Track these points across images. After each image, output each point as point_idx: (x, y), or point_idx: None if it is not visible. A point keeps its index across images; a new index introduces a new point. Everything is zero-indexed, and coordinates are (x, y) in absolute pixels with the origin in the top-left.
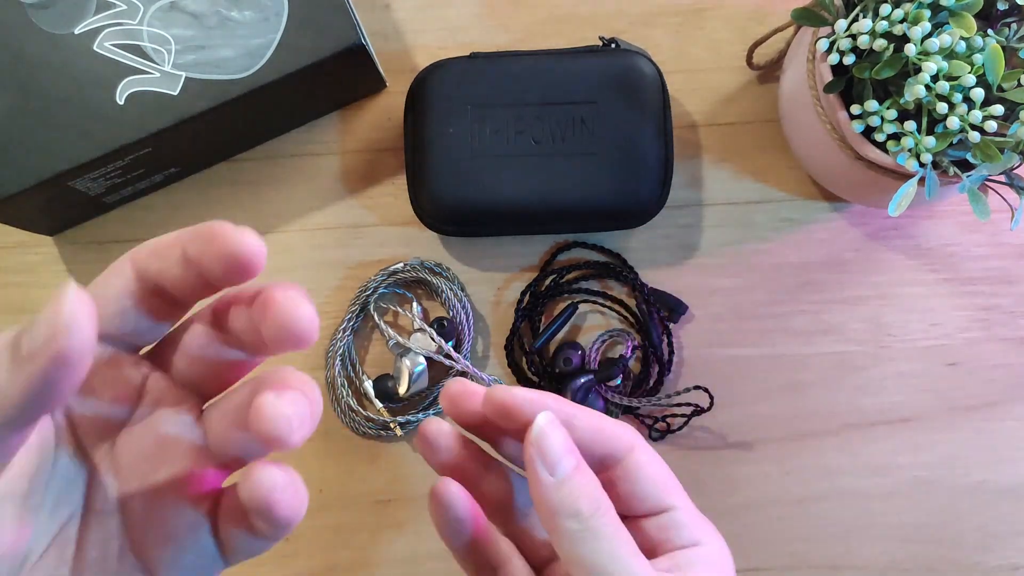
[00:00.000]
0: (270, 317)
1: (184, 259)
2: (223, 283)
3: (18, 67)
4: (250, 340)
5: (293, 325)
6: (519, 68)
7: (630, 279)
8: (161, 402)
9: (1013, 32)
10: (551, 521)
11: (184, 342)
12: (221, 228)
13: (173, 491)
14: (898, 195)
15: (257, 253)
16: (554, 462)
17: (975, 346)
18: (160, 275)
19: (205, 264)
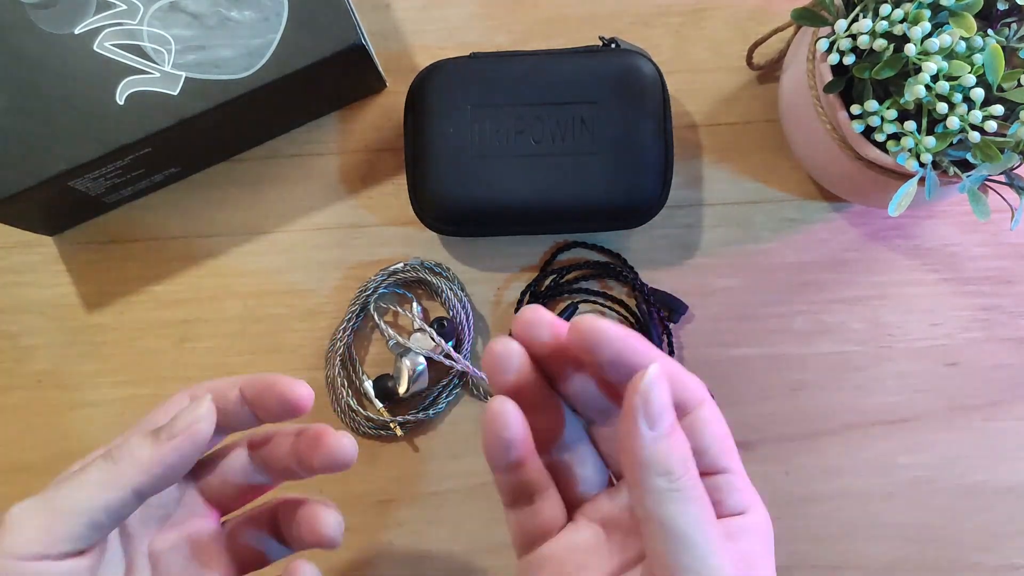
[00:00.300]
0: (323, 450)
1: (240, 400)
2: (275, 420)
3: (18, 67)
4: (283, 466)
5: (342, 455)
6: (519, 68)
7: (630, 279)
8: (193, 513)
9: (1013, 32)
10: (639, 475)
11: (221, 466)
12: (279, 380)
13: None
14: (898, 195)
15: (308, 400)
16: (656, 416)
17: (975, 346)
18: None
19: (263, 405)
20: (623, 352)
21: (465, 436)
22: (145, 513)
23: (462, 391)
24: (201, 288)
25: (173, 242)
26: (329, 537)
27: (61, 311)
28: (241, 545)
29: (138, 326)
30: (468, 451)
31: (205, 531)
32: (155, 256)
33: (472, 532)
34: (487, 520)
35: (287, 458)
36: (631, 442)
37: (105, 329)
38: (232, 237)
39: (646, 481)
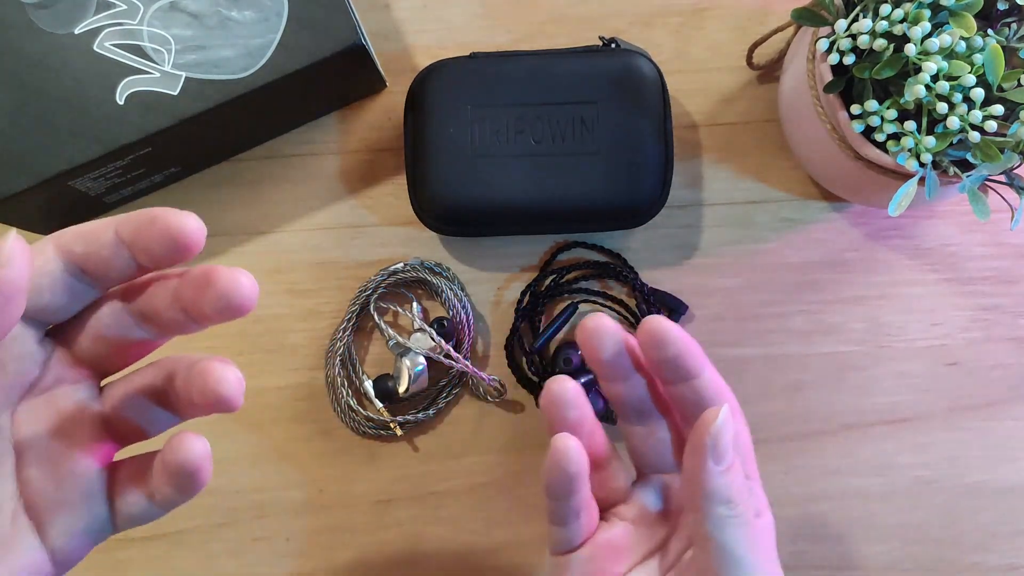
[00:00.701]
0: (214, 289)
1: (116, 242)
2: (159, 263)
3: (18, 67)
4: (167, 317)
5: (236, 293)
6: (519, 68)
7: (630, 279)
8: (62, 378)
9: (1013, 32)
10: (702, 503)
11: (92, 321)
12: (164, 211)
13: (69, 461)
14: (898, 195)
15: (199, 233)
16: (723, 454)
17: (975, 346)
18: (85, 257)
19: (144, 245)
20: (684, 353)
21: (465, 436)
22: (1, 379)
23: (462, 391)
24: None
25: None
26: (226, 397)
27: None
28: (119, 415)
29: None
30: (468, 451)
31: (74, 399)
32: None
33: (472, 532)
34: (487, 520)
35: (171, 306)
36: (699, 475)
37: None
38: (232, 237)
39: (709, 509)
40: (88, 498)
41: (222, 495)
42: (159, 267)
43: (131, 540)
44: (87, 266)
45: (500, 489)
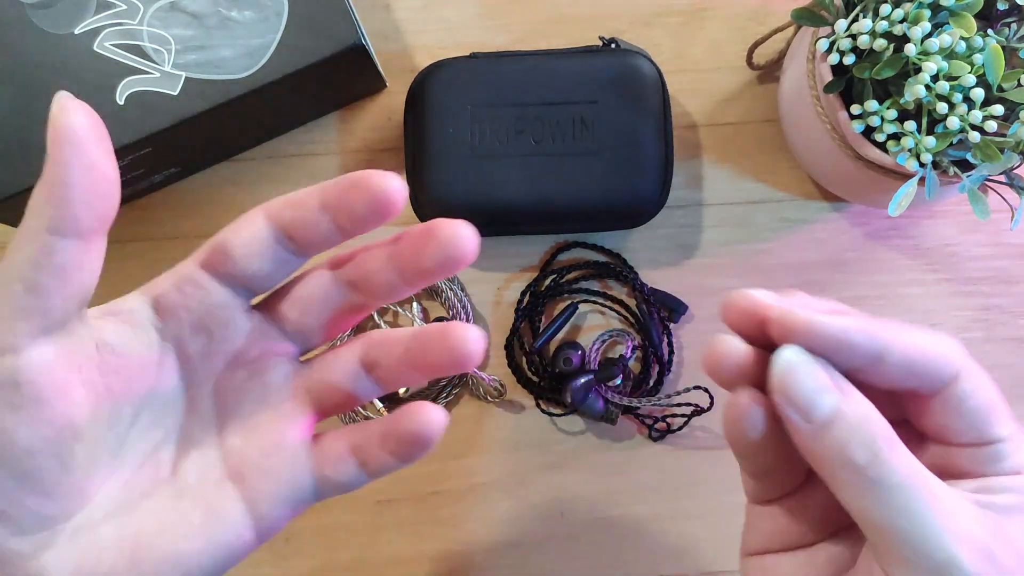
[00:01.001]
0: (436, 242)
1: (321, 206)
2: (362, 226)
3: (18, 67)
4: (380, 280)
5: (457, 243)
6: (519, 68)
7: (630, 279)
8: (268, 350)
9: (1013, 32)
10: (823, 470)
11: (298, 291)
12: (367, 173)
13: (274, 431)
14: (898, 195)
15: (401, 193)
16: (808, 407)
17: (975, 346)
18: (293, 223)
19: (348, 207)
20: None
21: (465, 436)
22: (208, 347)
23: (462, 391)
24: None
25: (173, 242)
26: (466, 353)
27: None
28: (323, 386)
29: None
30: (468, 451)
31: (279, 370)
32: (155, 256)
33: (472, 532)
34: (487, 520)
35: (385, 269)
36: (796, 439)
37: None
38: None
39: (833, 475)
40: (293, 467)
41: None
42: (362, 230)
43: None
44: (294, 232)
45: (500, 489)
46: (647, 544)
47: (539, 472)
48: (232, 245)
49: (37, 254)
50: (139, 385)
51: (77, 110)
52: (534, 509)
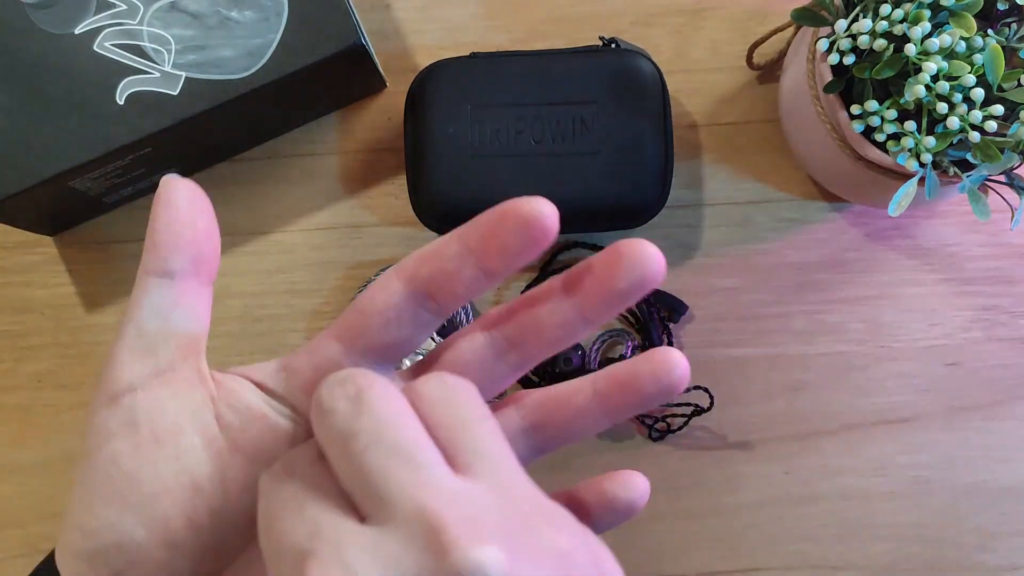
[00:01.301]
0: (627, 261)
1: (461, 252)
2: (514, 262)
3: (18, 67)
4: (553, 325)
5: (648, 264)
6: (519, 68)
7: None
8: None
9: (1013, 32)
10: None
11: (449, 356)
12: (513, 203)
13: None
14: (898, 195)
15: (555, 217)
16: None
17: (975, 346)
18: (432, 278)
19: (499, 243)
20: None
21: None
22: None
23: None
24: None
25: None
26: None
27: (61, 311)
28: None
29: None
30: None
31: None
32: None
33: None
34: None
35: (559, 311)
36: None
37: (105, 329)
38: (232, 237)
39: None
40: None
41: None
42: (513, 267)
43: None
44: (435, 288)
45: None
46: (647, 544)
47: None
48: (368, 315)
49: (137, 293)
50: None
51: (179, 184)
52: None
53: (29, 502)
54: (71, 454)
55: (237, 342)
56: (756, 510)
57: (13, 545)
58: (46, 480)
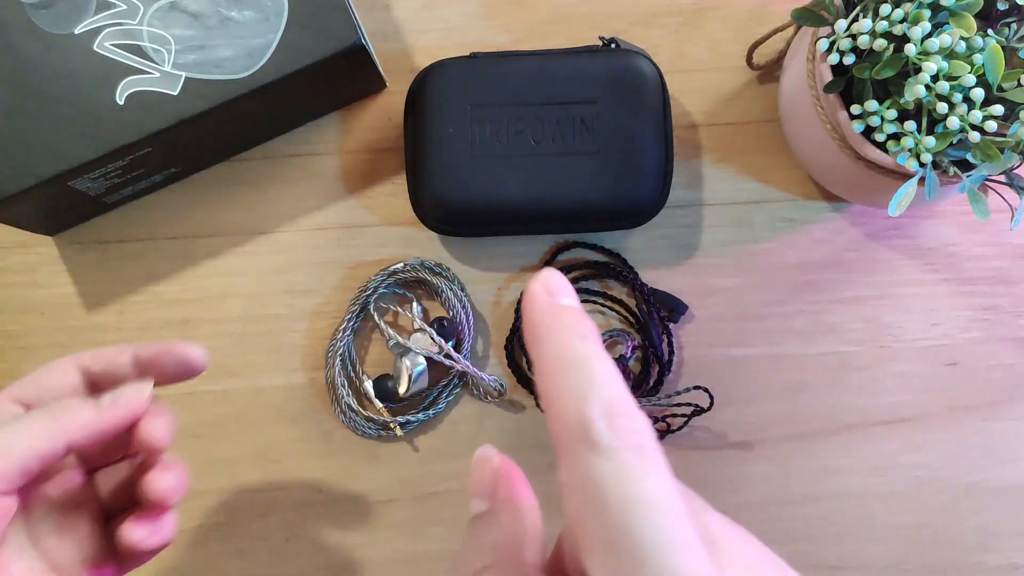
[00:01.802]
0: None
1: (134, 363)
2: (167, 382)
3: (18, 67)
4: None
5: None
6: (519, 68)
7: (630, 279)
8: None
9: (1013, 32)
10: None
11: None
12: (176, 342)
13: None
14: (898, 195)
15: (204, 361)
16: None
17: (975, 346)
18: (102, 375)
19: (159, 366)
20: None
21: (465, 436)
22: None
23: (462, 391)
24: (201, 288)
25: (173, 242)
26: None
27: (61, 311)
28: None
29: (138, 326)
30: (468, 451)
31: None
32: (155, 256)
33: None
34: None
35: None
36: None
37: (105, 329)
38: (232, 237)
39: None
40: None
41: (222, 495)
42: (168, 383)
43: None
44: (102, 381)
45: None
46: None
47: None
48: (43, 389)
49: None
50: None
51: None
52: None
53: None
54: None
55: (237, 342)
56: (756, 510)
57: None
58: None
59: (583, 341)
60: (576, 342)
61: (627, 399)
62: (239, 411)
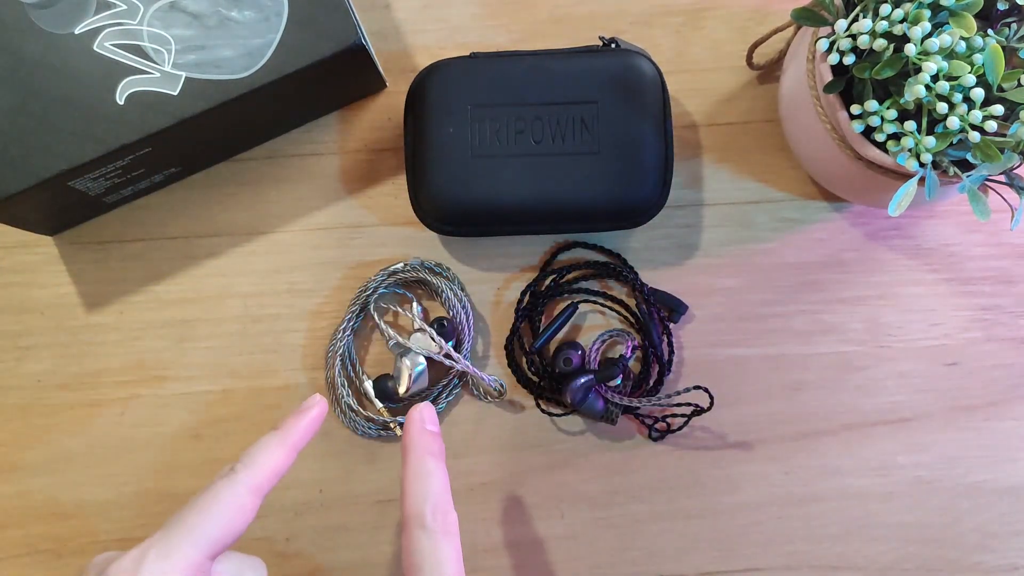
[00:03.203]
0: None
1: (290, 455)
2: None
3: (18, 67)
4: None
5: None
6: (519, 68)
7: (630, 279)
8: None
9: (1013, 32)
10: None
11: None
12: (319, 413)
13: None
14: (898, 195)
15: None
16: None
17: (975, 346)
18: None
19: (308, 437)
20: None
21: (465, 436)
22: None
23: (462, 391)
24: (201, 288)
25: (173, 242)
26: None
27: (61, 311)
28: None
29: (138, 326)
30: (468, 451)
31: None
32: (155, 256)
33: (471, 532)
34: (487, 520)
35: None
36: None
37: (105, 329)
38: (232, 237)
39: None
40: None
41: None
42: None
43: (131, 540)
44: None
45: (500, 489)
46: (646, 544)
47: (539, 472)
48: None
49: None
50: None
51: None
52: (534, 509)
53: (29, 502)
54: (71, 454)
55: (237, 342)
56: (756, 510)
57: (13, 545)
58: (46, 480)
59: (433, 459)
60: (427, 459)
61: (447, 500)
62: (239, 411)
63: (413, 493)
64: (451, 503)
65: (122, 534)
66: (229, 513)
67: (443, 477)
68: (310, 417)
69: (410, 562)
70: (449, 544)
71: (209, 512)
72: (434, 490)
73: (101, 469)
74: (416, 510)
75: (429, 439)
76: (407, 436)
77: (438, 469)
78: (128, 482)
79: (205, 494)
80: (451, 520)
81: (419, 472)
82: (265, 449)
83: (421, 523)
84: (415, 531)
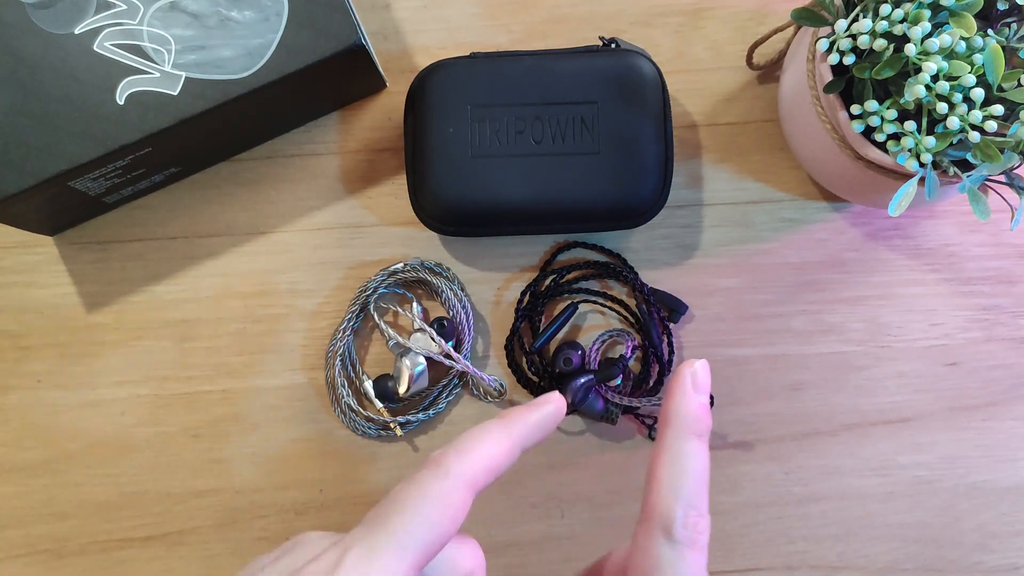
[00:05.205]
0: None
1: (513, 451)
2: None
3: (18, 67)
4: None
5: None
6: (519, 68)
7: (630, 279)
8: None
9: (1013, 32)
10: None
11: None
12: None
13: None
14: (898, 195)
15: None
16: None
17: (975, 346)
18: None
19: (539, 438)
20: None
21: None
22: None
23: (462, 391)
24: (201, 288)
25: (173, 242)
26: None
27: (61, 311)
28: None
29: (138, 326)
30: None
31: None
32: (155, 256)
33: (471, 532)
34: (487, 520)
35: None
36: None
37: (105, 329)
38: (232, 237)
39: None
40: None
41: (222, 495)
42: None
43: (131, 540)
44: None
45: (500, 489)
46: None
47: (539, 472)
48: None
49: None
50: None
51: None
52: (534, 509)
53: (29, 502)
54: (71, 454)
55: (237, 342)
56: (756, 510)
57: (13, 545)
58: (46, 480)
59: (697, 440)
60: (689, 440)
61: (704, 499)
62: (239, 411)
63: (664, 485)
64: (707, 502)
65: (122, 534)
66: (439, 512)
67: (704, 466)
68: (543, 412)
69: (641, 570)
70: (696, 561)
71: (417, 512)
72: (690, 486)
73: (101, 469)
74: (663, 508)
75: (697, 411)
76: (668, 403)
77: (700, 453)
78: (128, 482)
79: (409, 488)
80: (703, 528)
81: (675, 456)
82: (483, 438)
83: (667, 530)
84: (658, 538)
